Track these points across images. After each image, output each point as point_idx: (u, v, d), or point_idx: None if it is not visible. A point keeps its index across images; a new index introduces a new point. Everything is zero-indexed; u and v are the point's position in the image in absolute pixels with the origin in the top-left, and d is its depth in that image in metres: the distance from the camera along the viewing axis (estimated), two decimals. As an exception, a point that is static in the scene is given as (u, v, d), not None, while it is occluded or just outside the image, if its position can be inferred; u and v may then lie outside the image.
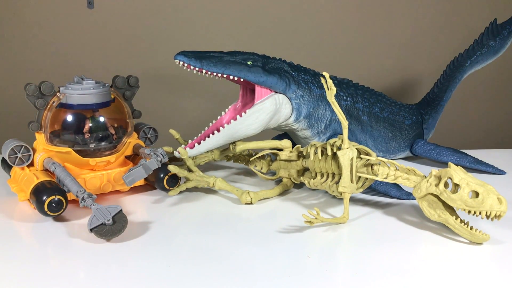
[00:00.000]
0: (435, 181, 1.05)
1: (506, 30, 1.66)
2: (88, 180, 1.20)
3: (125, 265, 0.93)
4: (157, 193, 1.29)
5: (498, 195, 1.00)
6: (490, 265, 0.95)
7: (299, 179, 1.28)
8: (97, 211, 1.02)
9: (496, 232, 1.06)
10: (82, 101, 1.19)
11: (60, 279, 0.87)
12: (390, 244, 1.02)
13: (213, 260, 0.95)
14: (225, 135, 1.24)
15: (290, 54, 1.72)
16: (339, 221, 1.10)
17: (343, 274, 0.92)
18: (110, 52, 1.95)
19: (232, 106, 1.32)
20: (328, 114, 1.37)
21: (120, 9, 1.91)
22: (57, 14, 1.89)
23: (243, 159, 1.39)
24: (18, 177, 1.20)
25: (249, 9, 1.97)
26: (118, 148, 1.26)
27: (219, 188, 1.25)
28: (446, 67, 1.69)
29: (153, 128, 1.39)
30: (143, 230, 1.07)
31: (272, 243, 1.02)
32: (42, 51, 1.92)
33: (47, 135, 1.20)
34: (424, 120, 1.63)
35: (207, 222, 1.13)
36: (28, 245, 1.02)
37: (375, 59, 2.08)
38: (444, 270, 0.92)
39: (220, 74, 1.22)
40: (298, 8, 1.99)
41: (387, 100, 1.54)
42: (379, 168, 1.11)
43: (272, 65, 1.29)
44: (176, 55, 1.20)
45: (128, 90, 1.32)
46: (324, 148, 1.18)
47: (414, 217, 1.16)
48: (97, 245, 1.00)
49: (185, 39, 1.96)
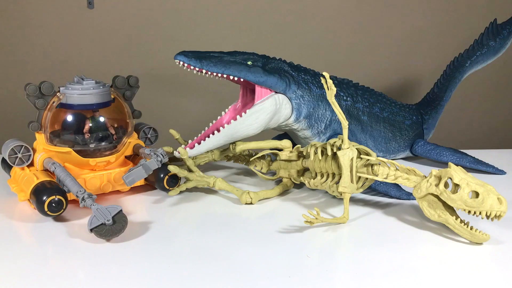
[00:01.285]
0: (435, 181, 1.05)
1: (506, 30, 1.66)
2: (88, 180, 1.20)
3: (125, 265, 0.93)
4: (157, 193, 1.29)
5: (498, 195, 1.00)
6: (490, 265, 0.95)
7: (299, 179, 1.27)
8: (97, 211, 1.02)
9: (496, 232, 1.06)
10: (82, 101, 1.19)
11: (60, 279, 0.87)
12: (390, 244, 1.02)
13: (213, 260, 0.95)
14: (225, 135, 1.24)
15: (290, 54, 1.71)
16: (339, 221, 1.10)
17: (343, 274, 0.92)
18: (110, 52, 1.95)
19: (232, 106, 1.32)
20: (328, 114, 1.37)
21: (120, 9, 1.91)
22: (57, 14, 1.89)
23: (243, 159, 1.39)
24: (18, 177, 1.20)
25: (249, 9, 1.97)
26: (118, 148, 1.26)
27: (219, 188, 1.25)
28: (446, 67, 1.69)
29: (153, 128, 1.39)
30: (143, 230, 1.07)
31: (272, 243, 1.02)
32: (42, 51, 1.92)
33: (47, 135, 1.20)
34: (424, 120, 1.63)
35: (207, 222, 1.13)
36: (28, 245, 1.02)
37: (375, 59, 2.08)
38: (444, 270, 0.92)
39: (220, 74, 1.22)
40: (298, 8, 1.99)
41: (387, 100, 1.54)
42: (379, 168, 1.11)
43: (272, 65, 1.29)
44: (176, 55, 1.20)
45: (128, 90, 1.32)
46: (324, 148, 1.18)
47: (414, 217, 1.16)
48: (97, 245, 1.00)
49: (185, 39, 1.96)
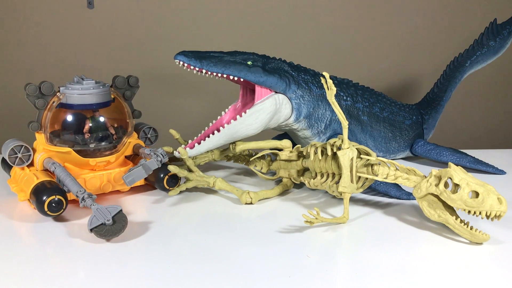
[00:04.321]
0: (435, 181, 1.05)
1: (506, 30, 1.66)
2: (88, 180, 1.20)
3: (125, 265, 0.93)
4: (157, 193, 1.29)
5: (498, 195, 1.00)
6: (490, 265, 0.94)
7: (299, 179, 1.27)
8: (97, 211, 1.02)
9: (496, 232, 1.06)
10: (82, 101, 1.19)
11: (60, 279, 0.87)
12: (390, 244, 1.02)
13: (213, 260, 0.95)
14: (225, 135, 1.24)
15: (290, 54, 1.71)
16: (339, 221, 1.10)
17: (343, 274, 0.92)
18: (110, 52, 1.95)
19: (232, 106, 1.32)
20: (328, 114, 1.37)
21: (120, 9, 1.91)
22: (57, 14, 1.89)
23: (243, 159, 1.39)
24: (18, 177, 1.20)
25: (249, 9, 1.97)
26: (118, 148, 1.26)
27: (219, 188, 1.25)
28: (446, 67, 1.69)
29: (153, 128, 1.39)
30: (143, 230, 1.07)
31: (272, 243, 1.02)
32: (42, 51, 1.92)
33: (47, 135, 1.20)
34: (424, 120, 1.63)
35: (207, 222, 1.13)
36: (28, 245, 1.02)
37: (375, 59, 2.08)
38: (444, 270, 0.92)
39: (220, 74, 1.22)
40: (298, 8, 1.99)
41: (387, 100, 1.54)
42: (379, 168, 1.11)
43: (272, 65, 1.29)
44: (176, 55, 1.20)
45: (128, 90, 1.32)
46: (324, 148, 1.18)
47: (414, 217, 1.16)
48: (97, 245, 1.00)
49: (185, 39, 1.96)
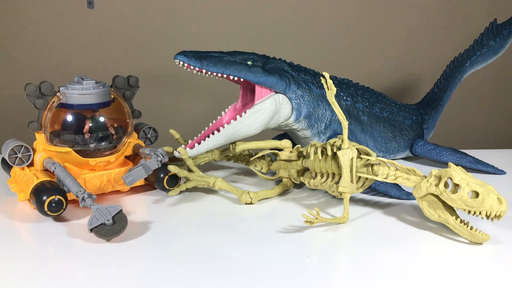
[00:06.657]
0: (435, 181, 1.05)
1: (506, 30, 1.66)
2: (88, 180, 1.20)
3: (125, 265, 0.93)
4: (157, 193, 1.29)
5: (498, 195, 1.00)
6: (490, 265, 0.94)
7: (299, 179, 1.27)
8: (97, 211, 1.02)
9: (496, 232, 1.06)
10: (82, 101, 1.19)
11: (60, 279, 0.87)
12: (390, 244, 1.02)
13: (213, 260, 0.95)
14: (225, 135, 1.24)
15: (290, 54, 1.71)
16: (339, 221, 1.10)
17: (343, 274, 0.92)
18: (110, 52, 1.95)
19: (232, 106, 1.32)
20: (328, 114, 1.37)
21: (120, 9, 1.91)
22: (57, 14, 1.89)
23: (243, 159, 1.39)
24: (18, 177, 1.20)
25: (249, 9, 1.97)
26: (118, 148, 1.26)
27: (219, 188, 1.25)
28: (446, 67, 1.69)
29: (153, 128, 1.39)
30: (143, 230, 1.07)
31: (272, 243, 1.02)
32: (42, 51, 1.92)
33: (47, 135, 1.20)
34: (424, 120, 1.63)
35: (207, 222, 1.13)
36: (28, 245, 1.02)
37: (375, 59, 2.08)
38: (444, 270, 0.92)
39: (220, 74, 1.22)
40: (298, 8, 1.99)
41: (387, 100, 1.54)
42: (379, 168, 1.11)
43: (272, 65, 1.29)
44: (176, 55, 1.20)
45: (128, 90, 1.32)
46: (324, 148, 1.18)
47: (414, 217, 1.16)
48: (97, 245, 1.00)
49: (185, 39, 1.96)
